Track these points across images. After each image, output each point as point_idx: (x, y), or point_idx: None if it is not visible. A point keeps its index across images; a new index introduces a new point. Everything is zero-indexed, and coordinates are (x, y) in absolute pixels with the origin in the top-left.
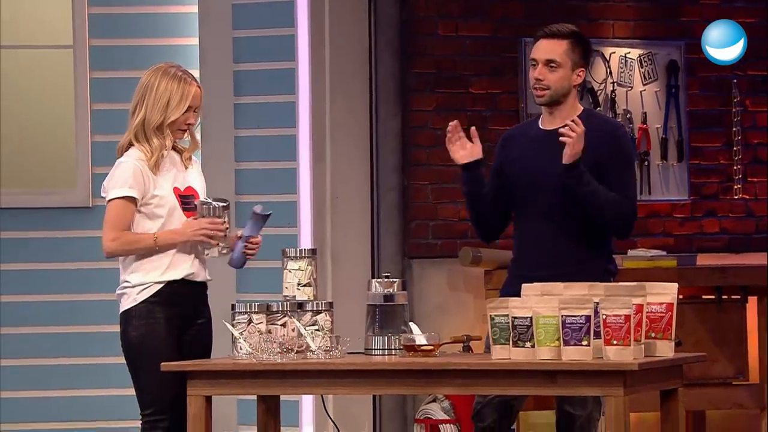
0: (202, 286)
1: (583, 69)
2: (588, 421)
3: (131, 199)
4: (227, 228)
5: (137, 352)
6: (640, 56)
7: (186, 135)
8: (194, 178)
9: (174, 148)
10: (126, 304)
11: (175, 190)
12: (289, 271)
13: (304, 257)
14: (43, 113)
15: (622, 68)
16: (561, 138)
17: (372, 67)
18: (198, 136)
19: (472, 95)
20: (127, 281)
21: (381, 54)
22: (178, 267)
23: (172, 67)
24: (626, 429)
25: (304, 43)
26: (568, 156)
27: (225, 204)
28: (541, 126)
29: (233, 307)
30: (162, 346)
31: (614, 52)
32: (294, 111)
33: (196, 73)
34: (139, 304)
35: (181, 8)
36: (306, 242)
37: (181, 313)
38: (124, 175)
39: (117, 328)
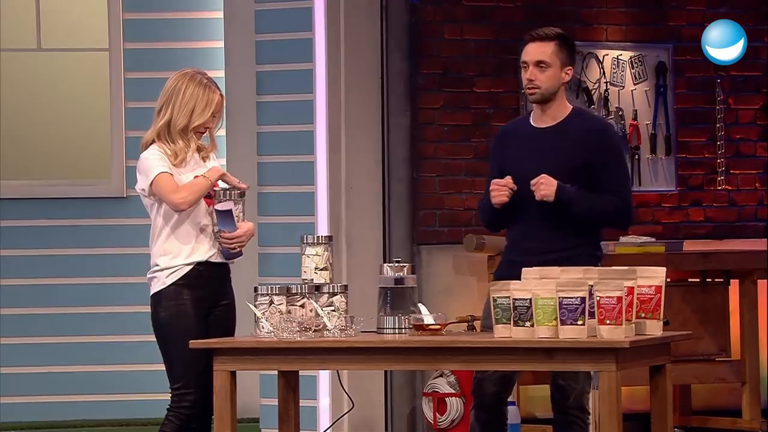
0: (225, 269)
1: (570, 67)
2: (580, 393)
3: (170, 174)
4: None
5: (166, 331)
6: (631, 58)
7: (206, 133)
8: None
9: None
10: (156, 287)
11: (195, 178)
12: (308, 256)
13: (321, 243)
14: (81, 111)
15: (614, 69)
16: (537, 198)
17: (383, 67)
18: (222, 133)
19: (475, 94)
20: (156, 265)
21: (392, 56)
22: (202, 249)
23: (199, 74)
24: (618, 402)
25: (321, 45)
26: (546, 198)
27: (240, 192)
28: (532, 123)
29: (256, 289)
30: (189, 326)
31: (607, 54)
32: (312, 108)
33: (221, 74)
34: (168, 287)
35: (207, 14)
36: (323, 229)
37: (207, 294)
38: (153, 159)
39: (148, 309)
